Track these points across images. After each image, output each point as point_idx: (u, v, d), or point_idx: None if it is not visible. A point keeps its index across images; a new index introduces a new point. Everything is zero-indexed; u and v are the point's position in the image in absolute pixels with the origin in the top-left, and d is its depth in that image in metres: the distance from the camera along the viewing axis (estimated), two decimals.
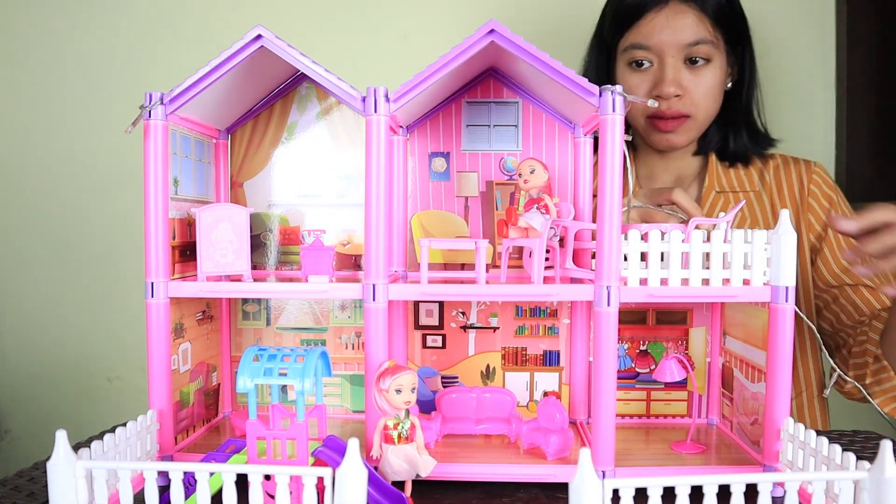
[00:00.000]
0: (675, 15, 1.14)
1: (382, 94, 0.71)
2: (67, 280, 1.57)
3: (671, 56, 1.16)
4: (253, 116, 0.90)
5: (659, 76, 1.17)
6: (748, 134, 1.26)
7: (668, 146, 1.24)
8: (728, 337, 0.87)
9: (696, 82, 1.17)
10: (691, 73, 1.17)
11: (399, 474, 0.68)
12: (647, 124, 1.22)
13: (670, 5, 1.14)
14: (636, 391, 0.91)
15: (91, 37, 1.54)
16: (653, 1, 1.14)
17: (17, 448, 1.59)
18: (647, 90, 1.19)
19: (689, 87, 1.17)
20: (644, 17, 1.15)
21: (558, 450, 0.75)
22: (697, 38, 1.14)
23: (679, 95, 1.16)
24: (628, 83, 1.20)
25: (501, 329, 0.90)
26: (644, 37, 1.16)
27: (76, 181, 1.56)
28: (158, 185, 0.73)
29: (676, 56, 1.15)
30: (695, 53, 1.15)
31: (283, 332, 0.93)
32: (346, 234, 0.91)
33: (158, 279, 0.74)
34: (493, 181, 0.89)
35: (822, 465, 0.64)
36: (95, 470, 0.60)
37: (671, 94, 1.16)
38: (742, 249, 0.72)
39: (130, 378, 1.57)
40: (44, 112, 1.56)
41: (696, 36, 1.14)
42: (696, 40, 1.14)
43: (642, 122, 1.23)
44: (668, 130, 1.20)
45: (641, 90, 1.19)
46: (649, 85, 1.18)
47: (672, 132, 1.21)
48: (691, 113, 1.19)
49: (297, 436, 0.65)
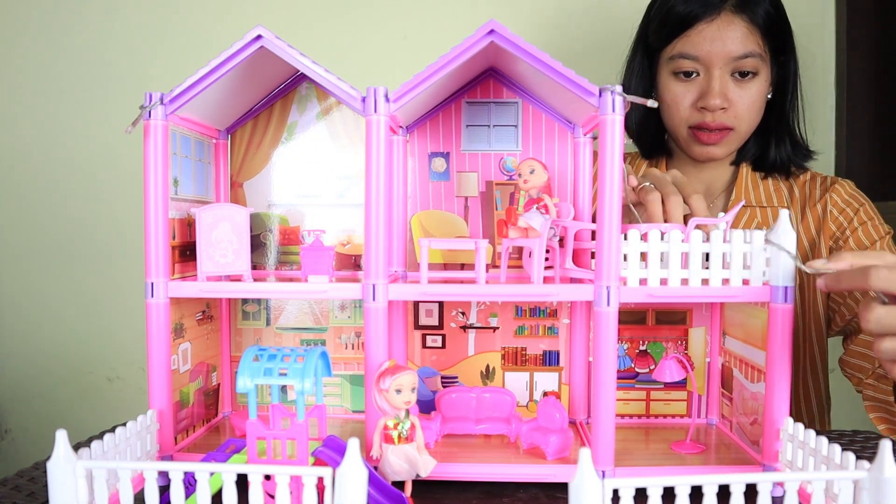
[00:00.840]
0: (727, 26, 1.12)
1: (382, 95, 0.71)
2: (67, 280, 1.57)
3: (719, 68, 1.14)
4: (253, 116, 0.90)
5: (705, 87, 1.15)
6: (792, 145, 1.23)
7: (707, 158, 1.22)
8: (727, 337, 0.87)
9: (742, 95, 1.15)
10: (737, 86, 1.15)
11: (399, 474, 0.68)
12: (689, 135, 1.20)
13: (722, 16, 1.12)
14: (636, 391, 0.91)
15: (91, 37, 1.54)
16: (705, 10, 1.12)
17: (17, 448, 1.59)
18: (692, 101, 1.17)
19: (734, 99, 1.15)
20: (694, 27, 1.13)
21: (558, 450, 0.75)
22: (747, 52, 1.12)
23: (724, 108, 1.15)
24: (673, 92, 1.19)
25: (501, 329, 0.90)
26: (693, 46, 1.14)
27: (76, 181, 1.56)
28: (158, 185, 0.73)
29: (724, 68, 1.13)
30: (743, 67, 1.13)
31: (282, 332, 0.93)
32: (345, 234, 0.91)
33: (158, 279, 0.74)
34: (493, 181, 0.89)
35: (821, 465, 0.64)
36: (95, 470, 0.60)
37: (717, 107, 1.14)
38: (741, 249, 0.72)
39: (130, 378, 1.57)
40: (43, 112, 1.56)
41: (746, 49, 1.12)
42: (746, 53, 1.12)
43: (685, 132, 1.20)
44: (711, 143, 1.18)
45: (687, 101, 1.17)
46: (695, 95, 1.17)
47: (714, 145, 1.19)
48: (735, 126, 1.17)
49: (297, 436, 0.65)
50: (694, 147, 1.21)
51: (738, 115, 1.16)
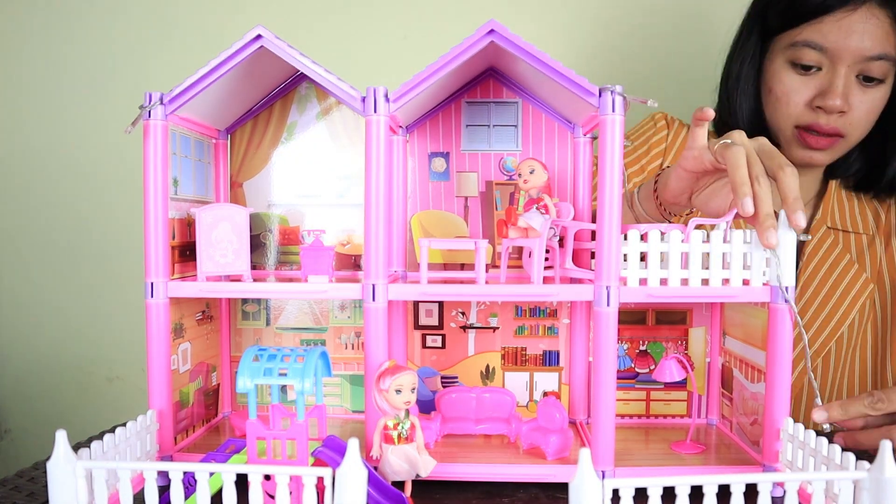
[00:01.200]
0: (868, 20, 1.00)
1: (382, 95, 0.71)
2: (67, 280, 1.57)
3: (847, 65, 1.02)
4: (252, 116, 0.90)
5: (826, 85, 1.03)
6: None
7: (807, 163, 1.10)
8: (727, 337, 0.87)
9: (864, 101, 1.04)
10: (860, 90, 1.04)
11: (399, 474, 0.68)
12: (794, 135, 1.09)
13: (865, 7, 0.99)
14: (636, 391, 0.91)
15: (90, 36, 1.54)
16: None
17: (17, 448, 1.59)
18: (807, 98, 1.06)
19: (854, 104, 1.04)
20: (832, 14, 1.00)
21: (558, 449, 0.75)
22: (880, 53, 1.01)
23: (843, 112, 1.04)
24: (786, 84, 1.06)
25: (501, 329, 0.90)
26: (823, 36, 1.01)
27: (76, 181, 1.56)
28: (158, 185, 0.73)
29: (852, 66, 1.02)
30: (871, 70, 1.02)
31: (282, 333, 0.93)
32: (345, 234, 0.91)
33: (158, 279, 0.74)
34: (493, 181, 0.89)
35: (821, 465, 0.64)
36: (95, 470, 0.60)
37: (836, 109, 1.03)
38: (741, 249, 0.72)
39: (130, 378, 1.57)
40: (43, 112, 1.56)
41: (881, 49, 1.01)
42: (879, 54, 1.01)
43: (790, 131, 1.09)
44: (818, 148, 1.07)
45: (801, 96, 1.06)
46: (812, 92, 1.05)
47: (820, 150, 1.08)
48: (847, 133, 1.06)
49: (297, 436, 0.65)
50: (796, 150, 1.09)
51: (853, 122, 1.05)
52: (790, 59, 1.06)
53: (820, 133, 1.06)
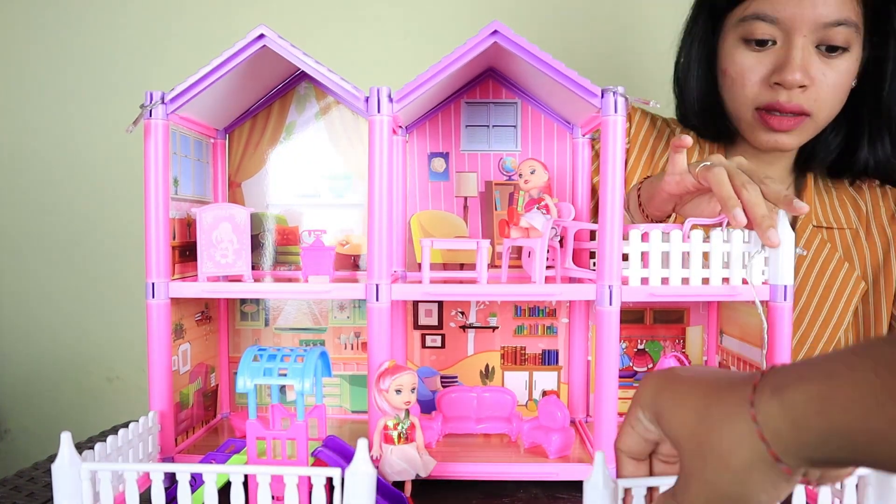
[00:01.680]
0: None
1: (385, 95, 0.70)
2: (67, 280, 1.56)
3: (803, 35, 0.93)
4: (251, 116, 0.90)
5: (783, 58, 0.94)
6: (893, 144, 1.02)
7: (773, 147, 1.02)
8: (725, 335, 0.88)
9: (827, 73, 0.95)
10: (823, 62, 0.95)
11: (399, 474, 0.68)
12: (755, 118, 1.00)
13: None
14: (634, 389, 0.92)
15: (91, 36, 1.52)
16: None
17: (16, 448, 1.58)
18: (763, 75, 0.97)
19: (817, 77, 0.95)
20: None
21: (560, 448, 0.76)
22: (840, 18, 0.92)
23: (804, 86, 0.95)
24: (740, 63, 0.98)
25: (500, 329, 0.91)
26: (773, 6, 0.93)
27: (76, 181, 1.55)
28: (159, 184, 0.73)
29: (809, 37, 0.93)
30: (832, 39, 0.93)
31: (281, 333, 0.92)
32: (344, 235, 0.91)
33: (159, 279, 0.73)
34: (493, 181, 0.90)
35: None
36: (100, 472, 0.59)
37: (796, 83, 0.94)
38: (741, 249, 0.73)
39: (130, 378, 1.56)
40: (44, 111, 1.54)
41: (840, 14, 0.92)
42: (838, 20, 0.92)
43: (750, 114, 1.00)
44: (782, 129, 0.98)
45: (756, 74, 0.97)
46: (768, 69, 0.96)
47: (785, 132, 0.99)
48: (813, 111, 0.97)
49: (297, 436, 0.65)
50: (760, 134, 1.01)
51: (819, 97, 0.96)
52: (742, 36, 0.97)
53: (783, 112, 0.97)
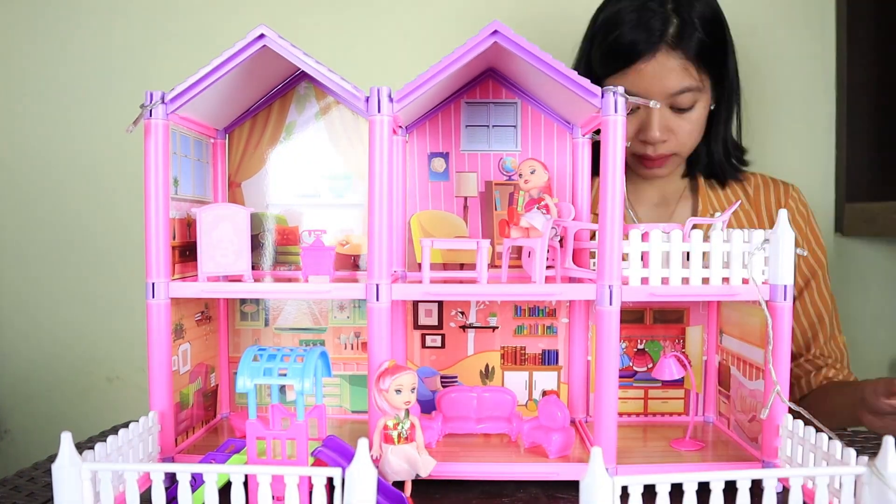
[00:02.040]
0: (664, 64, 1.12)
1: (386, 95, 0.70)
2: (67, 280, 1.56)
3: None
4: (251, 116, 0.90)
5: (646, 121, 1.16)
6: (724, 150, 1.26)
7: (653, 177, 1.26)
8: (724, 335, 0.88)
9: (682, 124, 1.17)
10: (677, 117, 1.16)
11: (399, 474, 0.68)
12: (633, 161, 1.23)
13: (658, 57, 1.11)
14: (634, 389, 0.92)
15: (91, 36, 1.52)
16: (644, 49, 1.11)
17: (16, 448, 1.58)
18: (633, 133, 1.18)
19: (675, 128, 1.17)
20: (633, 66, 1.13)
21: (560, 448, 0.76)
22: (682, 87, 1.13)
23: (665, 140, 1.17)
24: None
25: (500, 329, 0.91)
26: (631, 84, 1.14)
27: (76, 181, 1.54)
28: (159, 184, 0.73)
29: (663, 102, 1.14)
30: (680, 102, 1.14)
31: (281, 333, 0.92)
32: (344, 235, 0.91)
33: (159, 279, 0.73)
34: (492, 181, 0.90)
35: (822, 461, 0.64)
36: (101, 472, 0.59)
37: (658, 140, 1.16)
38: (741, 249, 0.73)
39: (130, 378, 1.56)
40: (44, 111, 1.54)
41: (682, 85, 1.13)
42: (682, 89, 1.13)
43: (629, 158, 1.22)
44: (655, 167, 1.22)
45: (629, 132, 1.17)
46: (635, 128, 1.18)
47: (658, 167, 1.22)
48: (677, 151, 1.20)
49: (296, 436, 0.65)
50: (640, 170, 1.24)
51: (679, 141, 1.18)
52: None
53: (653, 159, 1.20)
